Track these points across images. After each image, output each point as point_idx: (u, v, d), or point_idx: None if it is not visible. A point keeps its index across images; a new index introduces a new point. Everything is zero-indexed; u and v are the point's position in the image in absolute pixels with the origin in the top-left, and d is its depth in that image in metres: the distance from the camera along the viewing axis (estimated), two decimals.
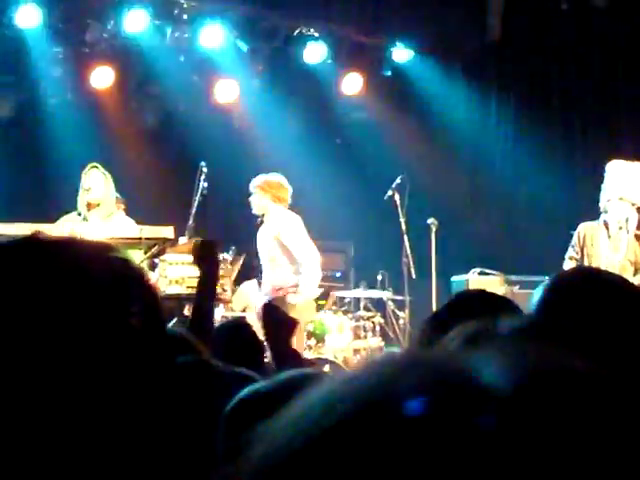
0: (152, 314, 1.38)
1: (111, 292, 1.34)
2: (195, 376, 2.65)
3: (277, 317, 8.36)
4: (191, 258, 9.11)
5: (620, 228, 8.42)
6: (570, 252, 8.52)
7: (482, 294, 2.79)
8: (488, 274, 10.21)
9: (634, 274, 8.35)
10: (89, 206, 8.64)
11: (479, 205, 12.42)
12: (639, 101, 11.47)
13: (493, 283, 9.74)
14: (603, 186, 8.51)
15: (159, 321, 1.41)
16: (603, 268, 8.30)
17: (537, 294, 2.25)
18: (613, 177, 8.46)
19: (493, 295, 2.85)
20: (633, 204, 8.39)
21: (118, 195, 9.15)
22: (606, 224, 8.46)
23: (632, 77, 11.55)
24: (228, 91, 11.90)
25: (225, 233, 10.01)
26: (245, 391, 2.06)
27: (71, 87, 11.68)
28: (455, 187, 12.33)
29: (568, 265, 8.45)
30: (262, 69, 12.05)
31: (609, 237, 8.46)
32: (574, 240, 8.56)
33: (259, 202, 9.06)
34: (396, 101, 12.67)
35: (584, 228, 8.58)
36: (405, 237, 10.27)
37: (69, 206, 8.71)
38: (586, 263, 8.34)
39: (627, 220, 8.41)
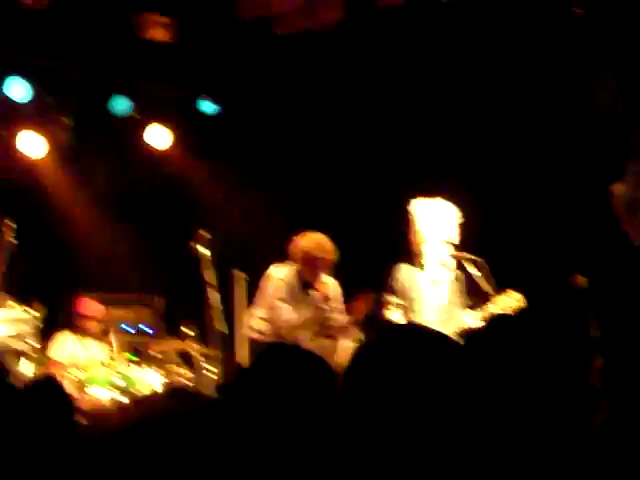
0: None
1: None
2: None
3: None
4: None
5: (442, 267, 8.27)
6: (393, 299, 8.18)
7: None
8: None
9: (462, 311, 8.24)
10: None
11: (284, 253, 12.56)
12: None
13: None
14: (414, 229, 8.28)
15: None
16: (427, 311, 8.25)
17: None
18: (423, 219, 8.26)
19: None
20: (449, 242, 8.26)
21: None
22: (425, 267, 8.27)
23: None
24: (35, 145, 11.84)
25: (33, 289, 10.05)
26: None
27: None
28: (260, 236, 12.55)
29: (394, 313, 8.13)
30: (69, 122, 12.03)
31: (431, 280, 8.31)
32: (395, 286, 8.24)
33: None
34: (201, 154, 12.80)
35: (402, 272, 8.32)
36: (210, 289, 10.38)
37: None
38: (410, 308, 8.19)
39: (446, 262, 8.28)
